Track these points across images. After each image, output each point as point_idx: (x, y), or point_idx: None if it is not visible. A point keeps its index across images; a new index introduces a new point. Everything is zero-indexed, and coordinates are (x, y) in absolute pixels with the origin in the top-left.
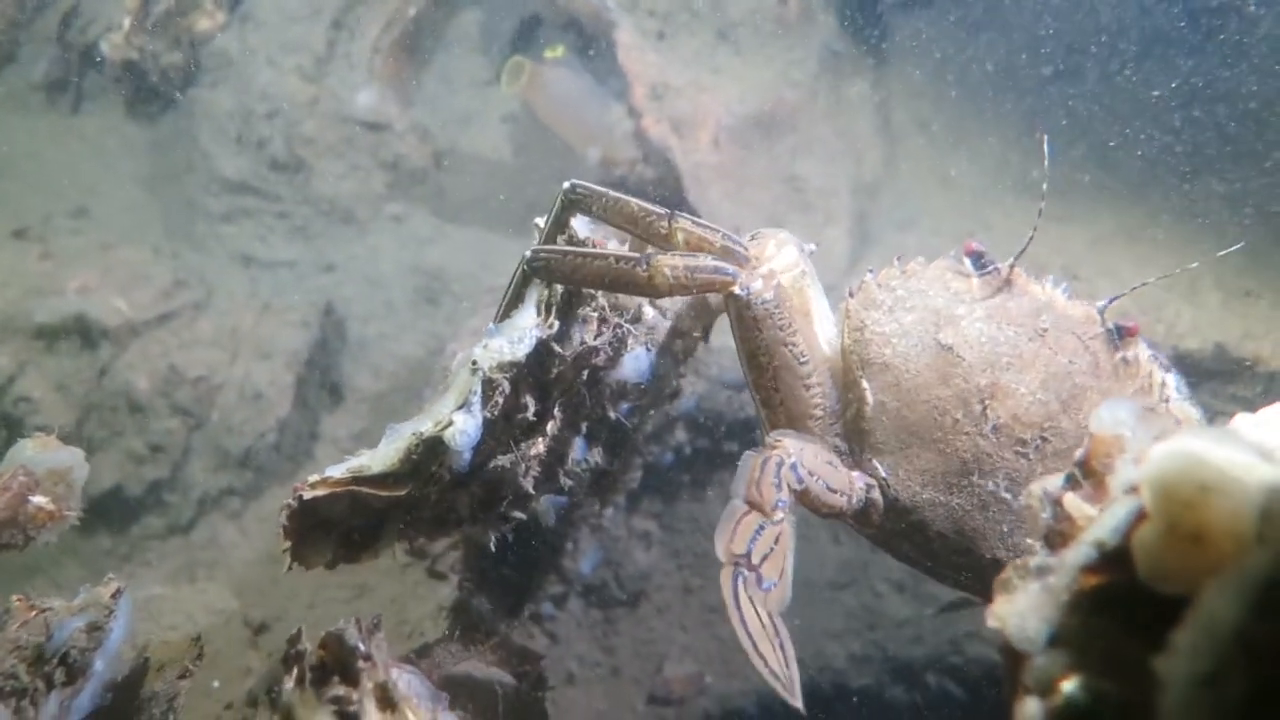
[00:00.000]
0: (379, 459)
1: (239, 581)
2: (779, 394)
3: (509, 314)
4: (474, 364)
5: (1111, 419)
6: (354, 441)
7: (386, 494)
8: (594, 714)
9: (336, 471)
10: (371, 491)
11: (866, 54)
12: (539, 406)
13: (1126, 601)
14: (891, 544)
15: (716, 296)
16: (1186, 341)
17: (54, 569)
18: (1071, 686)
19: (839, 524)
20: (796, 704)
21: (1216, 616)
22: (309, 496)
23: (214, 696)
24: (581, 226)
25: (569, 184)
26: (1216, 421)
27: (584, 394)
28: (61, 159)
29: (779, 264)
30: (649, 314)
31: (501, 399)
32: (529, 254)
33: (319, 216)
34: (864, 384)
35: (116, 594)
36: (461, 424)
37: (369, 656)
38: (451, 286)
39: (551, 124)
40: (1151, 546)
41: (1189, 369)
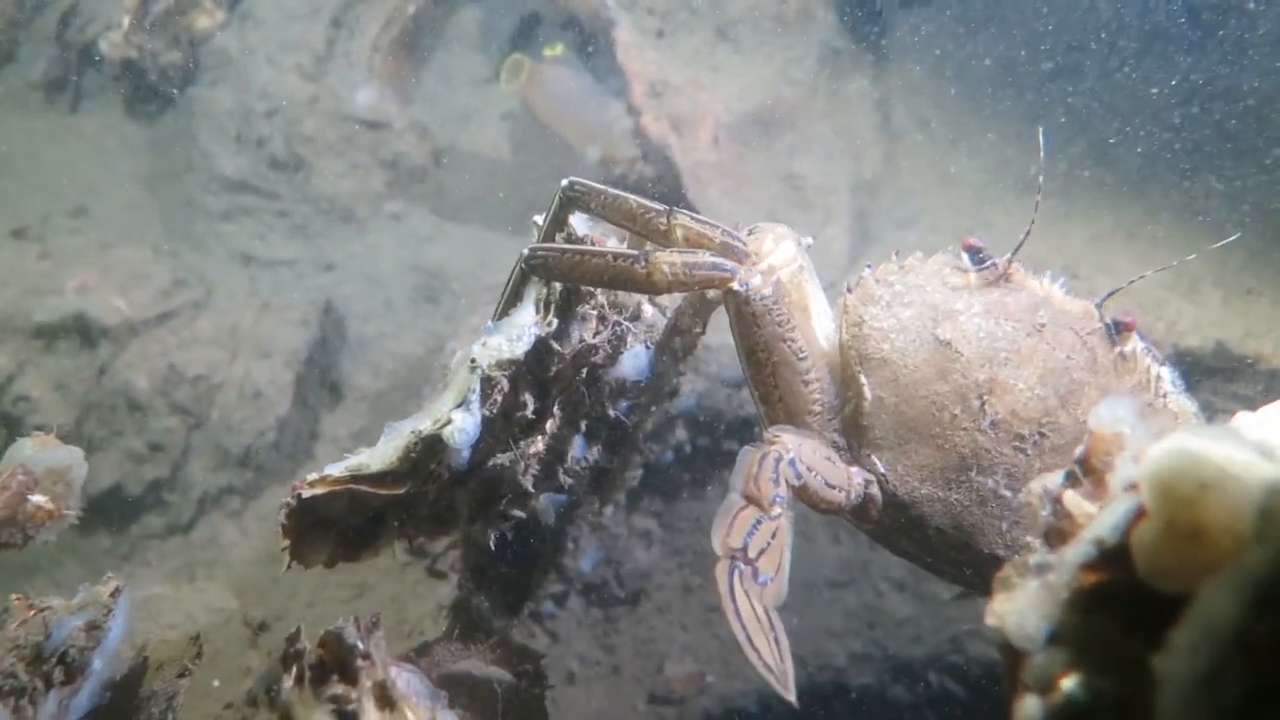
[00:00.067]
0: (378, 457)
1: (239, 581)
2: (777, 390)
3: (508, 312)
4: (473, 362)
5: (1111, 416)
6: (354, 440)
7: (385, 492)
8: (594, 713)
9: (335, 470)
10: (370, 490)
11: (866, 51)
12: (538, 404)
13: (1126, 599)
14: (890, 540)
15: (714, 290)
16: (1187, 339)
17: (53, 568)
18: (1071, 684)
19: (839, 522)
20: (790, 697)
21: (1215, 615)
22: (307, 495)
23: (213, 695)
24: (580, 224)
25: (567, 181)
26: (1217, 419)
27: (583, 392)
28: (60, 158)
29: (777, 259)
30: (648, 311)
31: (500, 397)
32: (527, 251)
33: (318, 215)
34: (862, 379)
35: (115, 593)
36: (460, 422)
37: (368, 655)
38: (451, 284)
39: (550, 122)
40: (1151, 544)
41: (1190, 367)
